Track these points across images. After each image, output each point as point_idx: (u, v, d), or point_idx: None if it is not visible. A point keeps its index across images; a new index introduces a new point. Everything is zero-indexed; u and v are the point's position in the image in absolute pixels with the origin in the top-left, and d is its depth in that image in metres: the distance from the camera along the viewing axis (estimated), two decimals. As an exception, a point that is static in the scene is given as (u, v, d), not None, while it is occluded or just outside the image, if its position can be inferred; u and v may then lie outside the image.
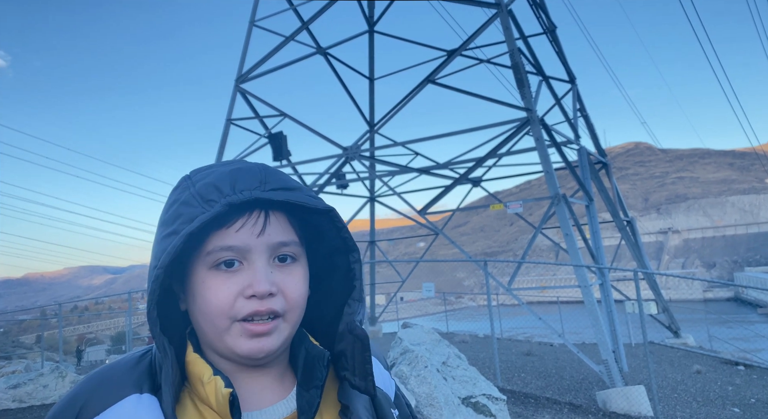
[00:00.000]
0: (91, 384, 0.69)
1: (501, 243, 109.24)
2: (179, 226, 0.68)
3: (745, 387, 10.36)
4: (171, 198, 0.73)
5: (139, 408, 0.66)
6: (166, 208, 0.73)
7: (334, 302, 0.81)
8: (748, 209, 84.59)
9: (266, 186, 0.70)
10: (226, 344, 0.70)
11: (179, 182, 0.75)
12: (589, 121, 15.60)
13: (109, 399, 0.67)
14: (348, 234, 0.77)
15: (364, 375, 0.75)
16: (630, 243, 15.49)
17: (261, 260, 0.70)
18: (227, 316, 0.69)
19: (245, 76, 14.35)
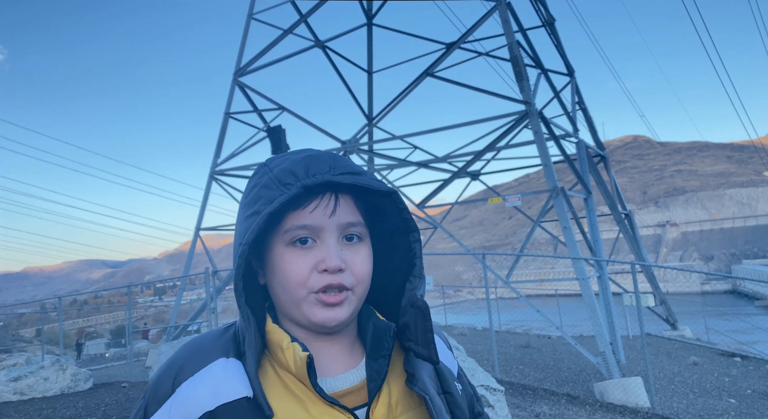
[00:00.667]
0: (186, 352, 0.80)
1: (500, 237, 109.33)
2: (260, 207, 0.76)
3: (741, 378, 10.45)
4: (251, 183, 0.81)
5: (226, 369, 0.76)
6: (246, 192, 0.82)
7: (396, 279, 0.88)
8: (746, 202, 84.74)
9: (335, 171, 0.77)
10: (302, 312, 0.78)
11: (257, 169, 0.83)
12: (588, 114, 15.59)
13: (202, 362, 0.77)
14: (409, 215, 0.84)
15: (426, 343, 0.81)
16: (628, 236, 15.54)
17: (332, 238, 0.78)
18: (304, 287, 0.77)
19: (243, 69, 14.31)
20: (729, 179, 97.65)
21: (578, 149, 13.80)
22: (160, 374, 0.79)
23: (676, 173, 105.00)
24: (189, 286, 16.27)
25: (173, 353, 0.83)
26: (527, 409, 5.80)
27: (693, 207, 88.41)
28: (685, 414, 7.44)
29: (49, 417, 5.24)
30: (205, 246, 14.55)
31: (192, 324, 13.76)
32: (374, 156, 15.63)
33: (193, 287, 23.66)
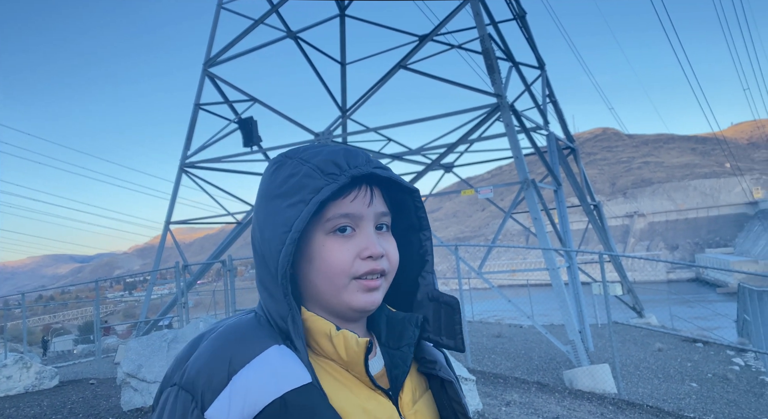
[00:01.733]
0: (231, 339, 0.77)
1: (473, 228, 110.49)
2: (306, 195, 0.77)
3: (702, 362, 10.85)
4: (284, 173, 0.81)
5: (284, 355, 0.75)
6: (280, 182, 0.81)
7: (407, 275, 0.91)
8: (709, 193, 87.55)
9: (372, 164, 0.82)
10: (342, 299, 0.80)
11: (282, 160, 0.83)
12: (558, 107, 15.82)
13: (254, 349, 0.75)
14: (424, 214, 0.90)
15: (453, 334, 0.87)
16: (596, 227, 15.89)
17: (370, 227, 0.82)
18: (347, 274, 0.79)
19: (213, 60, 14.04)
20: (693, 171, 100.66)
21: (548, 142, 14.01)
22: (204, 363, 0.75)
23: (644, 165, 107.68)
24: (159, 281, 15.98)
25: (208, 342, 0.79)
26: (498, 398, 5.90)
27: (659, 198, 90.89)
28: (650, 398, 7.69)
29: (12, 416, 5.11)
30: (176, 240, 14.30)
31: (163, 319, 13.55)
32: (348, 148, 15.55)
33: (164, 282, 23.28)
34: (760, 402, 8.07)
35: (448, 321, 0.88)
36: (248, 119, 13.40)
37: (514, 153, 11.14)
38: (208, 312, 15.88)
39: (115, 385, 6.50)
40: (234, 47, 14.05)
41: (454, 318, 0.87)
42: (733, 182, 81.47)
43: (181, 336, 6.61)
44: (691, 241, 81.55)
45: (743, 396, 8.38)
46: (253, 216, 0.85)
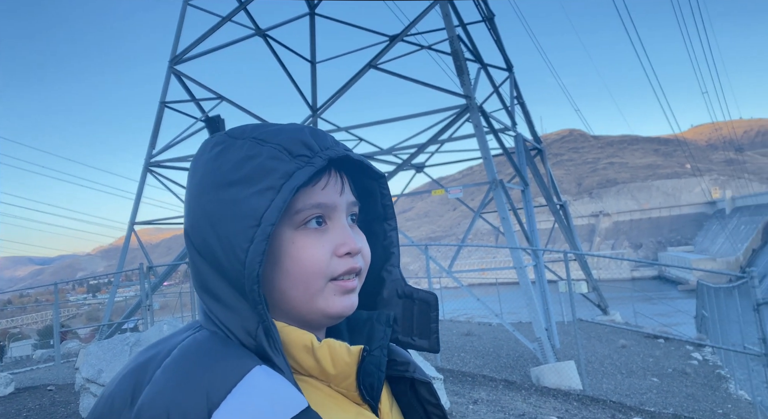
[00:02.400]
0: (199, 364, 0.60)
1: (444, 228, 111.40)
2: (275, 181, 0.63)
3: (663, 358, 11.19)
4: (233, 156, 0.66)
5: (272, 377, 0.60)
6: (232, 166, 0.65)
7: (370, 270, 0.79)
8: (671, 193, 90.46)
9: (341, 146, 0.69)
10: (315, 306, 0.68)
11: (226, 140, 0.68)
12: (526, 108, 16.09)
13: (234, 373, 0.59)
14: (390, 201, 0.79)
15: (427, 334, 0.77)
16: (563, 226, 16.22)
17: (343, 218, 0.70)
18: (323, 275, 0.67)
19: (180, 57, 13.76)
20: (656, 171, 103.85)
21: (516, 143, 14.23)
22: (170, 399, 0.57)
23: (609, 166, 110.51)
24: (124, 283, 15.57)
25: (166, 371, 0.60)
26: (465, 396, 5.96)
27: (624, 198, 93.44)
28: (613, 393, 7.88)
29: (-37, 426, 4.89)
30: (140, 241, 13.97)
31: (127, 322, 13.21)
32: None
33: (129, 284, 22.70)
34: (716, 394, 8.38)
35: (422, 319, 0.78)
36: (215, 118, 13.08)
37: (482, 154, 11.28)
38: (173, 315, 15.56)
39: (74, 391, 6.30)
40: (201, 45, 13.80)
41: (430, 315, 0.78)
42: (693, 183, 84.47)
43: (144, 339, 6.45)
44: (654, 240, 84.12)
45: (701, 389, 8.68)
46: (191, 210, 0.67)
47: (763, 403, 7.09)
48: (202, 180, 0.67)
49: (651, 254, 78.33)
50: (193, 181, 0.68)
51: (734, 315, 8.55)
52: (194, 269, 0.68)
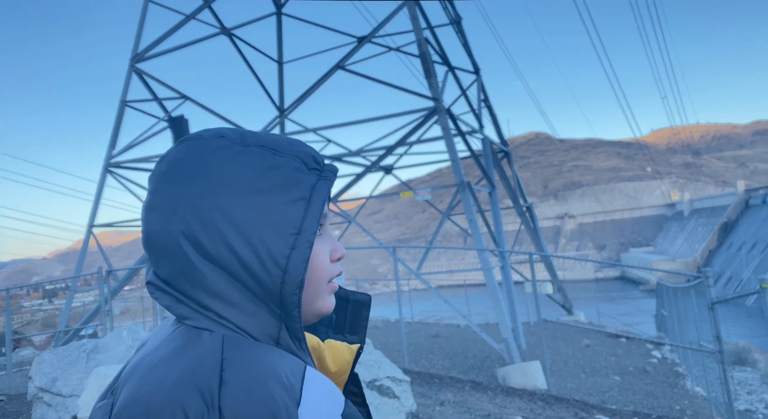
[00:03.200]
0: (268, 363, 0.61)
1: (414, 230, 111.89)
2: (304, 192, 0.68)
3: (625, 357, 11.48)
4: (256, 163, 0.67)
5: (322, 375, 0.67)
6: (258, 174, 0.66)
7: None
8: (633, 195, 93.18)
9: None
10: (316, 306, 0.73)
11: (237, 146, 0.68)
12: (493, 111, 16.30)
13: (299, 370, 0.63)
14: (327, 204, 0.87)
15: (357, 330, 0.86)
16: (529, 228, 16.49)
17: (328, 226, 0.77)
18: (328, 278, 0.74)
19: (141, 55, 13.40)
20: (619, 174, 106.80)
21: (484, 145, 14.40)
22: (266, 396, 0.57)
23: (574, 168, 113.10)
24: (82, 287, 15.03)
25: (236, 369, 0.60)
26: (432, 398, 5.96)
27: (588, 200, 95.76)
28: (577, 392, 8.03)
29: None
30: (99, 244, 13.53)
31: (85, 328, 12.76)
32: (285, 149, 15.31)
33: (88, 288, 21.97)
34: (674, 391, 8.63)
35: (355, 317, 0.86)
36: (179, 118, 12.88)
37: (450, 156, 11.36)
38: (134, 320, 15.11)
39: (26, 401, 6.02)
40: (164, 43, 13.48)
41: (362, 314, 0.86)
42: (654, 185, 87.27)
43: (102, 346, 6.22)
44: (617, 241, 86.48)
45: (660, 387, 8.93)
46: (201, 213, 0.65)
47: (717, 399, 7.32)
48: (218, 183, 0.66)
49: (614, 255, 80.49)
50: (200, 181, 0.66)
51: (691, 314, 8.82)
52: (192, 274, 0.66)
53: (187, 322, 0.67)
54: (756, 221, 52.24)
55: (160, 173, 0.69)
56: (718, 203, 64.26)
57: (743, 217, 56.48)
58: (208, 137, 0.70)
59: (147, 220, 0.68)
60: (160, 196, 0.67)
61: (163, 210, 0.66)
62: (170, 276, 0.68)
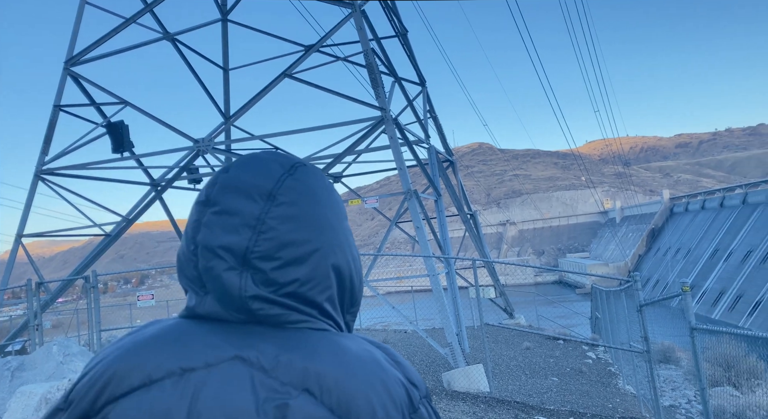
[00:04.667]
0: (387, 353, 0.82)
1: (363, 237, 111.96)
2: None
3: (563, 358, 12.01)
4: (336, 193, 0.86)
5: None
6: (341, 204, 0.85)
7: None
8: (569, 203, 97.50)
9: None
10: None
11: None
12: (438, 122, 16.71)
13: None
14: None
15: None
16: (473, 235, 16.96)
17: None
18: None
19: (77, 58, 12.84)
20: (556, 183, 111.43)
21: (429, 155, 14.74)
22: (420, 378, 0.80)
23: (514, 177, 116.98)
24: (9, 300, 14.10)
25: (399, 361, 0.80)
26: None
27: (528, 208, 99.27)
28: (518, 394, 8.35)
29: None
30: (29, 254, 12.78)
31: (12, 344, 11.98)
32: (232, 156, 15.05)
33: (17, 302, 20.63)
34: (607, 390, 9.14)
35: None
36: (118, 123, 12.43)
37: (397, 165, 11.56)
38: (67, 334, 14.31)
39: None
40: (103, 46, 12.98)
41: None
42: (588, 194, 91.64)
43: (28, 363, 5.90)
44: (554, 247, 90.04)
45: (594, 386, 9.43)
46: (336, 235, 0.81)
47: (645, 396, 7.83)
48: (334, 210, 0.83)
49: (552, 261, 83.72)
50: (329, 207, 0.82)
51: (622, 316, 9.36)
52: (324, 283, 0.79)
53: (299, 325, 0.78)
54: (680, 228, 55.92)
55: (295, 188, 0.79)
56: (646, 210, 68.29)
57: (668, 224, 60.30)
58: (316, 169, 0.85)
59: (285, 230, 0.76)
60: (299, 209, 0.78)
61: (307, 225, 0.77)
62: (298, 285, 0.76)
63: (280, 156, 0.83)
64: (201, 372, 0.72)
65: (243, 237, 0.74)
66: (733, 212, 45.08)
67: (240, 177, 0.78)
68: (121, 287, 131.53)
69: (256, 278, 0.74)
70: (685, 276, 41.65)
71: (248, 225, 0.75)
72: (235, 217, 0.75)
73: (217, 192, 0.78)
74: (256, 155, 0.83)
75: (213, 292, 0.76)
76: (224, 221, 0.76)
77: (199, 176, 14.60)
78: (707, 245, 45.95)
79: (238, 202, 0.76)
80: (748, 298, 34.44)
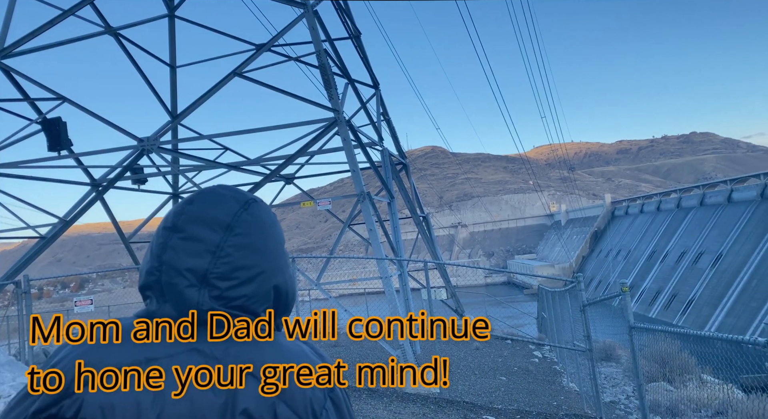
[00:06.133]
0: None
1: (316, 239, 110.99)
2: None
3: (511, 358, 12.31)
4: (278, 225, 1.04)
5: None
6: (280, 230, 1.04)
7: None
8: (518, 206, 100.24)
9: None
10: None
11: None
12: (391, 125, 16.79)
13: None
14: None
15: None
16: (425, 237, 17.13)
17: None
18: None
19: (9, 50, 12.09)
20: (505, 186, 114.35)
21: (383, 157, 14.78)
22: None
23: (466, 181, 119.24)
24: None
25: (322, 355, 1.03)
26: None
27: (478, 210, 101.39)
28: (467, 394, 8.48)
29: None
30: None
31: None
32: (179, 156, 14.57)
33: (-63, 310, 19.15)
34: (552, 388, 9.43)
35: None
36: (55, 120, 11.78)
37: (351, 167, 11.53)
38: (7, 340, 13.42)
39: None
40: (38, 38, 12.28)
41: None
42: (535, 197, 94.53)
43: (-44, 375, 5.50)
44: (503, 248, 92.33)
45: (540, 384, 9.71)
46: (284, 260, 1.02)
47: (587, 393, 8.13)
48: (277, 238, 1.02)
49: (501, 262, 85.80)
50: (273, 237, 1.01)
51: (567, 315, 9.68)
52: (265, 299, 0.98)
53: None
54: (620, 230, 58.55)
55: (248, 221, 0.97)
56: (590, 213, 71.12)
57: (610, 226, 63.03)
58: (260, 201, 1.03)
59: (239, 256, 0.94)
60: (251, 239, 0.96)
61: (256, 252, 0.95)
62: (245, 300, 0.94)
63: (237, 192, 1.00)
64: (164, 360, 0.88)
65: (204, 261, 0.92)
66: (668, 215, 47.63)
67: (203, 210, 0.95)
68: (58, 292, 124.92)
69: (212, 294, 0.92)
70: (625, 277, 43.66)
71: (209, 251, 0.92)
72: (198, 243, 0.92)
73: (183, 221, 0.94)
74: (216, 191, 1.00)
75: (171, 302, 0.92)
76: (189, 246, 0.92)
77: (144, 176, 14.05)
78: (645, 246, 48.33)
79: (201, 231, 0.93)
80: (682, 297, 36.49)
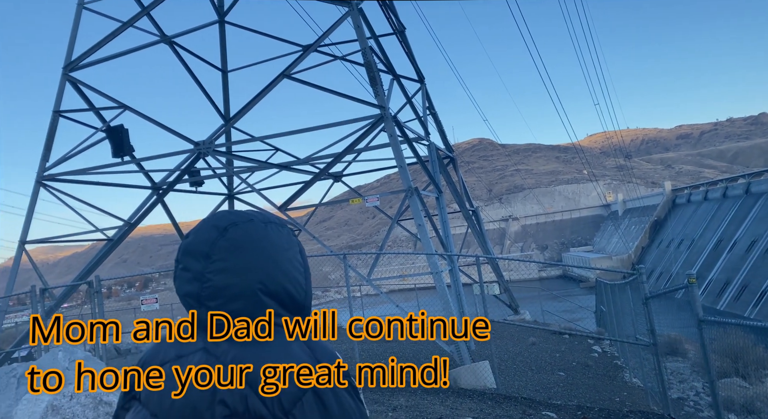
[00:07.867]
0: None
1: (364, 236, 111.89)
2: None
3: (568, 353, 11.98)
4: (284, 232, 1.16)
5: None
6: (269, 244, 1.11)
7: None
8: (572, 197, 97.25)
9: None
10: None
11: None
12: (438, 119, 16.66)
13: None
14: None
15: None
16: (475, 231, 16.93)
17: None
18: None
19: (75, 63, 12.84)
20: (558, 177, 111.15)
21: (430, 152, 14.70)
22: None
23: (516, 172, 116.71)
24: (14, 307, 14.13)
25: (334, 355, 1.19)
26: (385, 403, 6.04)
27: (530, 203, 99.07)
28: (524, 390, 8.33)
29: None
30: (32, 261, 12.81)
31: (18, 350, 12.01)
32: (233, 158, 15.05)
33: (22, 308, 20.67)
34: (614, 384, 9.11)
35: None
36: (118, 128, 12.42)
37: (398, 162, 11.54)
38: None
39: None
40: (101, 51, 12.98)
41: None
42: (590, 187, 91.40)
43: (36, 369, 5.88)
44: (557, 241, 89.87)
45: (601, 380, 9.40)
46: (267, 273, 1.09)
47: (653, 389, 7.80)
48: (264, 253, 1.11)
49: (555, 255, 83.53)
50: (255, 254, 1.10)
51: (627, 309, 9.33)
52: (258, 308, 1.10)
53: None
54: (682, 219, 55.75)
55: (225, 247, 1.08)
56: (649, 202, 68.07)
57: (671, 215, 60.12)
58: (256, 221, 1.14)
59: (219, 279, 1.06)
60: (228, 263, 1.07)
61: (235, 273, 1.06)
62: (238, 312, 1.07)
63: (222, 219, 1.12)
64: (189, 356, 1.09)
65: (194, 287, 1.08)
66: (736, 202, 44.89)
67: (191, 241, 1.10)
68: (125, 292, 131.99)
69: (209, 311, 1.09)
70: (689, 267, 41.53)
71: (196, 279, 1.08)
72: (189, 272, 1.09)
73: (181, 254, 1.11)
74: (206, 220, 1.14)
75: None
76: (184, 275, 1.10)
77: (201, 179, 14.59)
78: (711, 235, 45.78)
79: (189, 261, 1.09)
80: (754, 288, 34.34)
